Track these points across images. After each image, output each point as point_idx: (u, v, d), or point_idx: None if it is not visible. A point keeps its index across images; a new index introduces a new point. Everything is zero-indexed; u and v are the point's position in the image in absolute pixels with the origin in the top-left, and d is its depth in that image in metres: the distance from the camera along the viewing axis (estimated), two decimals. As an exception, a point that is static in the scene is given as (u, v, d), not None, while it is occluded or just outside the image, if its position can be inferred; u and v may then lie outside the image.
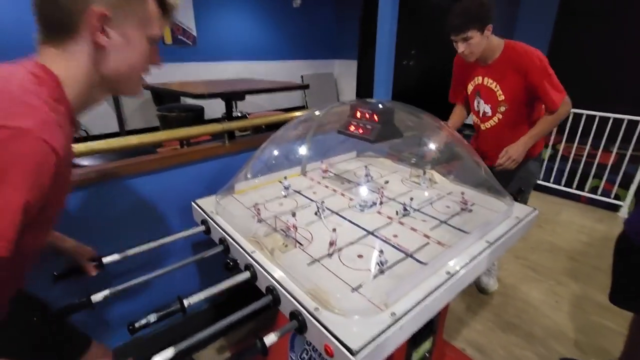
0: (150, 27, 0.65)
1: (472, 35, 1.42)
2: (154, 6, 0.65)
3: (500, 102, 1.54)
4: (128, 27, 0.62)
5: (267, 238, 0.97)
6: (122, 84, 0.68)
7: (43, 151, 0.49)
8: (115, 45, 0.62)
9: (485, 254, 0.95)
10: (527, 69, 1.43)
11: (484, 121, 1.65)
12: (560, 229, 2.65)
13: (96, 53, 0.61)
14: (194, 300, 0.79)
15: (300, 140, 1.42)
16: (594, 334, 1.68)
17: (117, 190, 1.22)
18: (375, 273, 0.85)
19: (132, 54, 0.65)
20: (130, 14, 0.61)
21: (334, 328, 0.68)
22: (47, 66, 0.59)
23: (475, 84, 1.62)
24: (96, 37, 0.59)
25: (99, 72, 0.63)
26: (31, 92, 0.53)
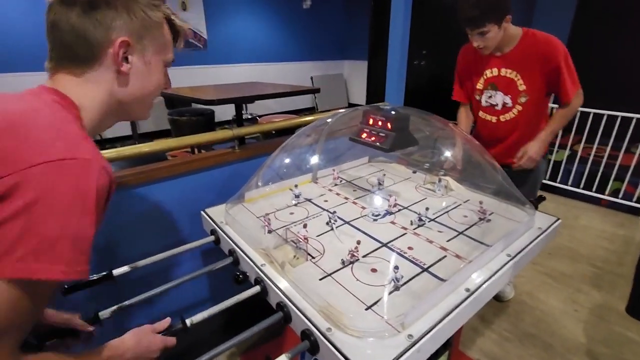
0: (166, 52, 0.69)
1: (489, 29, 1.32)
2: (168, 32, 0.68)
3: (522, 92, 1.45)
4: (148, 53, 0.65)
5: (277, 250, 0.94)
6: (136, 108, 0.70)
7: (105, 176, 0.53)
8: (136, 72, 0.65)
9: (506, 268, 0.90)
10: (549, 57, 1.35)
11: (503, 113, 1.53)
12: (579, 234, 2.56)
13: (117, 79, 0.64)
14: (197, 319, 0.78)
15: (311, 147, 1.39)
16: (616, 345, 1.61)
17: (127, 198, 1.21)
18: (391, 289, 0.82)
19: (150, 78, 0.68)
20: (150, 41, 0.65)
21: (347, 351, 0.65)
22: (65, 93, 0.60)
23: (489, 77, 1.52)
24: (119, 64, 0.62)
25: (117, 97, 0.65)
26: (71, 122, 0.56)
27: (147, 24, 0.63)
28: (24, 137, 0.48)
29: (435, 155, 1.42)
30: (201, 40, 5.27)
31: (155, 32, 0.65)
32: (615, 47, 4.00)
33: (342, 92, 7.19)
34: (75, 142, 0.52)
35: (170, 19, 0.68)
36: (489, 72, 1.51)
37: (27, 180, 0.45)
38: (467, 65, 1.60)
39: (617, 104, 2.91)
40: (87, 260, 0.51)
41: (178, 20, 0.69)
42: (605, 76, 4.03)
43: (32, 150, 0.47)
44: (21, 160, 0.46)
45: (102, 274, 0.95)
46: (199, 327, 1.42)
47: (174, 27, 0.69)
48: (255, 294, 0.87)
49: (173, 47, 0.70)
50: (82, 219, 0.49)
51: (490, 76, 1.51)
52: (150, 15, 0.63)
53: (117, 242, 1.20)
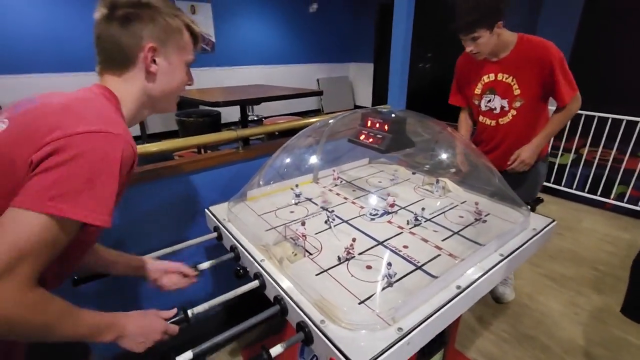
0: (186, 54, 0.80)
1: (480, 34, 1.36)
2: (188, 37, 0.79)
3: (516, 96, 1.49)
4: (171, 55, 0.77)
5: (276, 247, 0.98)
6: (164, 102, 0.82)
7: (130, 150, 0.65)
8: (162, 71, 0.77)
9: (498, 267, 0.93)
10: (544, 61, 1.38)
11: (501, 116, 1.57)
12: (582, 238, 2.56)
13: (147, 78, 0.76)
14: (198, 310, 0.82)
15: (312, 148, 1.43)
16: (615, 348, 1.62)
17: (136, 195, 1.25)
18: (384, 285, 0.85)
19: (175, 76, 0.80)
20: (172, 44, 0.76)
21: (339, 342, 0.68)
22: (110, 89, 0.74)
23: (486, 82, 1.55)
24: (148, 65, 0.74)
25: (148, 93, 0.78)
26: (111, 109, 0.70)
27: (169, 31, 0.75)
28: (75, 114, 0.62)
29: (433, 157, 1.45)
30: (209, 44, 5.35)
31: (176, 37, 0.76)
32: (620, 51, 3.97)
33: (348, 94, 7.23)
34: (110, 121, 0.65)
35: (189, 25, 0.79)
36: (486, 77, 1.54)
37: (70, 143, 0.57)
38: (466, 71, 1.64)
39: (622, 108, 2.90)
40: (108, 212, 0.61)
41: (195, 26, 0.81)
42: (610, 80, 4.00)
43: (78, 123, 0.60)
44: (70, 129, 0.58)
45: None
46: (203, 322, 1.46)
47: (192, 32, 0.80)
48: (255, 288, 0.91)
49: (193, 49, 0.82)
50: (107, 179, 0.60)
51: (488, 81, 1.54)
52: (171, 23, 0.75)
53: (126, 236, 1.24)
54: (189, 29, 0.79)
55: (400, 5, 1.77)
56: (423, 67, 5.88)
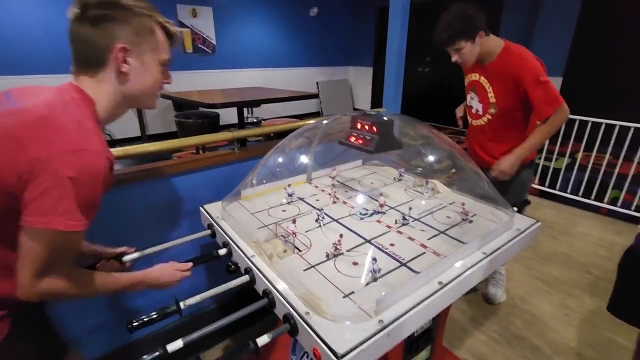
0: (160, 53, 0.81)
1: (461, 46, 1.43)
2: (162, 36, 0.81)
3: (492, 104, 1.55)
4: (143, 55, 0.78)
5: (267, 243, 1.01)
6: (141, 100, 0.85)
7: (107, 162, 0.70)
8: (134, 71, 0.78)
9: (480, 265, 0.96)
10: (519, 76, 1.42)
11: (475, 118, 1.66)
12: (576, 242, 2.58)
13: (120, 78, 0.77)
14: (190, 302, 0.84)
15: (306, 149, 1.47)
16: (604, 349, 1.64)
17: (134, 193, 1.29)
18: (368, 280, 0.88)
19: (148, 76, 0.81)
20: (144, 45, 0.77)
21: (322, 332, 0.71)
22: (84, 90, 0.75)
23: (472, 79, 1.62)
24: (119, 66, 0.75)
25: (122, 92, 0.79)
26: (87, 116, 0.72)
27: (141, 31, 0.76)
28: (56, 129, 0.65)
29: (424, 159, 1.48)
30: (210, 46, 5.41)
31: (149, 37, 0.77)
32: (614, 57, 4.02)
33: (348, 97, 7.28)
34: (89, 135, 0.69)
35: (163, 25, 0.80)
36: (473, 74, 1.61)
37: (55, 164, 0.62)
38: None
39: (617, 113, 2.93)
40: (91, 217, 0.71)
41: (171, 25, 0.82)
42: (605, 86, 4.04)
43: (60, 139, 0.64)
44: (55, 147, 0.63)
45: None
46: (197, 318, 1.49)
47: (167, 31, 0.81)
48: (245, 283, 0.95)
49: (169, 49, 0.83)
50: (92, 191, 0.68)
51: (474, 79, 1.61)
52: (143, 24, 0.76)
53: (123, 232, 1.28)
54: (164, 28, 0.80)
55: (395, 8, 1.81)
56: (422, 71, 5.93)
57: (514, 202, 1.31)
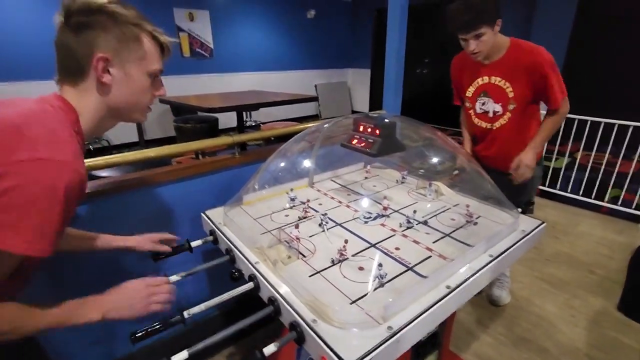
0: (148, 64, 0.76)
1: (484, 31, 1.35)
2: (151, 45, 0.76)
3: (510, 99, 1.50)
4: (127, 66, 0.73)
5: (270, 249, 1.00)
6: (128, 113, 0.80)
7: (75, 178, 0.63)
8: (117, 82, 0.73)
9: (487, 268, 0.94)
10: (536, 66, 1.40)
11: (495, 120, 1.59)
12: (578, 241, 2.57)
13: (102, 89, 0.73)
14: (194, 311, 0.83)
15: (307, 153, 1.46)
16: (611, 350, 1.62)
17: (132, 200, 1.28)
18: (375, 286, 0.86)
19: (134, 88, 0.76)
20: (128, 55, 0.73)
21: (330, 340, 0.70)
22: (68, 101, 0.72)
23: (479, 85, 1.57)
24: (100, 76, 0.71)
25: (106, 104, 0.75)
26: (65, 125, 0.67)
27: (124, 40, 0.71)
28: (21, 137, 0.60)
29: (426, 161, 1.47)
30: (207, 50, 5.41)
31: (133, 46, 0.73)
32: (612, 56, 4.03)
33: (346, 100, 7.29)
34: (59, 144, 0.63)
35: (152, 33, 0.75)
36: (480, 79, 1.56)
37: (12, 171, 0.57)
38: (460, 73, 1.66)
39: (615, 112, 2.94)
40: (49, 242, 0.62)
41: (160, 34, 0.77)
42: (603, 84, 4.05)
43: (23, 147, 0.59)
44: (14, 155, 0.58)
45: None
46: (201, 326, 1.47)
47: (157, 40, 0.77)
48: (249, 290, 0.93)
49: (159, 59, 0.78)
50: (48, 209, 0.60)
51: (482, 83, 1.56)
52: (126, 32, 0.72)
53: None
54: (153, 37, 0.76)
55: (394, 9, 1.80)
56: (420, 73, 5.94)
57: (526, 200, 1.31)
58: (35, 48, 4.04)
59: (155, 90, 0.81)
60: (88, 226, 1.17)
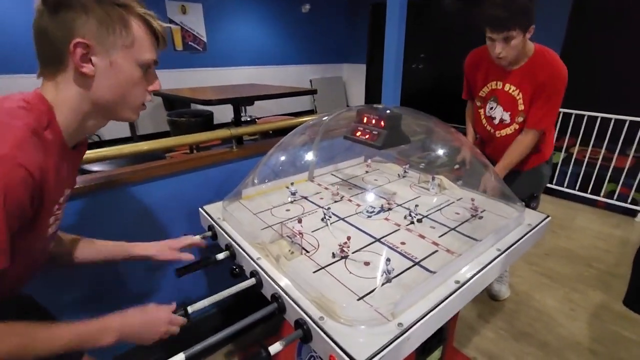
0: (139, 52, 0.65)
1: (515, 35, 1.22)
2: (142, 32, 0.65)
3: (520, 111, 1.42)
4: (113, 54, 0.63)
5: (272, 245, 0.96)
6: (116, 110, 0.69)
7: (17, 174, 0.53)
8: (101, 73, 0.63)
9: (496, 262, 0.92)
10: (547, 81, 1.31)
11: (500, 128, 1.52)
12: (575, 235, 2.58)
13: (83, 81, 0.63)
14: (197, 307, 0.80)
15: (307, 146, 1.42)
16: (611, 344, 1.63)
17: (126, 195, 1.23)
18: (383, 281, 0.84)
19: (120, 80, 0.65)
20: (114, 41, 0.62)
21: (339, 338, 0.67)
22: (43, 94, 0.63)
23: (492, 89, 1.48)
24: (79, 66, 0.61)
25: (89, 99, 0.65)
26: (14, 116, 0.57)
27: (108, 23, 0.61)
28: None
29: (428, 154, 1.45)
30: (200, 43, 5.32)
31: (119, 31, 0.62)
32: (609, 50, 4.05)
33: (341, 94, 7.24)
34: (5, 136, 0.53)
35: (143, 17, 0.65)
36: (493, 83, 1.46)
37: None
38: (474, 71, 1.55)
39: (611, 107, 2.95)
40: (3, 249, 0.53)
41: (153, 19, 0.67)
42: (599, 79, 4.07)
43: None
44: None
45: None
46: (199, 323, 1.43)
47: (150, 26, 0.66)
48: (251, 288, 0.89)
49: (153, 47, 0.68)
50: None
51: (495, 88, 1.47)
52: (111, 14, 0.61)
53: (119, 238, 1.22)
54: (144, 22, 0.65)
55: (393, 3, 1.77)
56: (416, 68, 5.91)
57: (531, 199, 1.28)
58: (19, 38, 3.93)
59: (148, 83, 0.71)
60: (79, 223, 1.13)
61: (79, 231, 0.95)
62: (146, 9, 0.66)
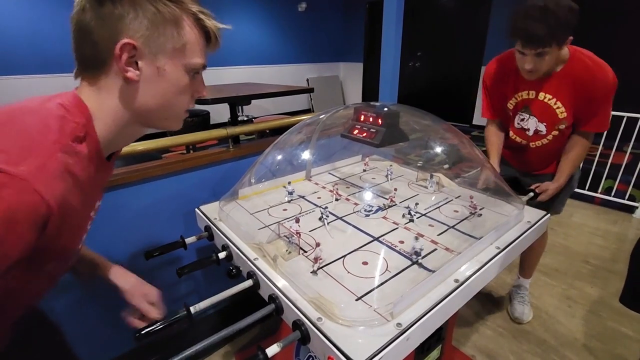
0: (189, 57, 0.59)
1: (550, 50, 1.09)
2: (193, 33, 0.58)
3: (562, 120, 1.28)
4: (161, 58, 0.57)
5: (269, 245, 0.95)
6: (159, 119, 0.63)
7: (30, 201, 0.44)
8: (147, 79, 0.57)
9: (495, 260, 0.91)
10: (597, 84, 1.19)
11: (535, 140, 1.39)
12: (573, 232, 2.59)
13: (127, 87, 0.57)
14: (200, 307, 0.79)
15: (304, 145, 1.41)
16: (610, 340, 1.63)
17: (122, 197, 1.22)
18: (381, 281, 0.83)
19: (167, 87, 0.59)
20: (164, 43, 0.56)
21: (337, 339, 0.66)
22: (83, 100, 0.57)
23: (522, 99, 1.33)
24: (125, 70, 0.55)
25: (131, 107, 0.59)
26: (46, 129, 0.50)
27: (160, 23, 0.55)
28: None
29: (426, 152, 1.44)
30: (197, 43, 5.28)
31: (170, 31, 0.56)
32: (607, 46, 4.05)
33: (338, 93, 7.23)
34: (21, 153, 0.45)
35: (197, 16, 0.58)
36: (525, 93, 1.32)
37: None
38: (498, 83, 1.40)
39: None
40: None
41: (208, 18, 0.60)
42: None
43: None
44: None
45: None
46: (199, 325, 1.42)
47: (203, 26, 0.59)
48: (248, 288, 0.88)
49: (203, 50, 0.61)
50: None
51: (526, 98, 1.32)
52: (163, 12, 0.54)
53: (114, 238, 1.20)
54: (197, 21, 0.58)
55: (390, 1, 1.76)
56: (413, 66, 5.91)
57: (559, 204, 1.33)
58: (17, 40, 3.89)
59: (195, 91, 0.64)
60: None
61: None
62: (201, 6, 0.59)
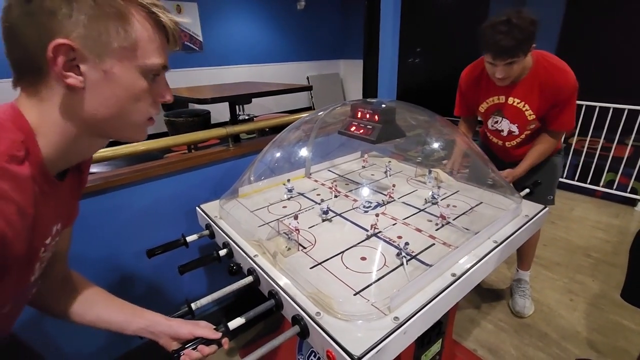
0: (142, 57, 0.50)
1: (518, 60, 1.20)
2: (147, 29, 0.50)
3: (531, 121, 1.38)
4: (107, 60, 0.48)
5: (269, 242, 0.96)
6: (115, 129, 0.54)
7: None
8: (93, 85, 0.48)
9: (492, 254, 0.92)
10: (562, 88, 1.28)
11: (510, 140, 1.49)
12: (574, 225, 2.58)
13: (72, 96, 0.48)
14: (201, 303, 0.80)
15: (303, 142, 1.42)
16: (611, 333, 1.63)
17: (124, 197, 1.23)
18: (379, 276, 0.84)
19: (119, 92, 0.50)
20: (107, 43, 0.47)
21: (335, 333, 0.67)
22: (22, 113, 0.48)
23: (494, 103, 1.43)
24: (64, 77, 0.46)
25: (79, 118, 0.50)
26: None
27: (99, 19, 0.46)
28: None
29: (425, 148, 1.44)
30: (197, 43, 5.29)
31: (113, 29, 0.47)
32: (606, 39, 4.02)
33: (339, 91, 7.22)
34: None
35: (150, 10, 0.50)
36: (495, 98, 1.42)
37: None
38: (471, 87, 1.50)
39: (609, 96, 2.93)
40: None
41: (162, 12, 0.51)
42: (597, 68, 4.04)
43: None
44: None
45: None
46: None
47: (158, 21, 0.51)
48: (251, 286, 0.90)
49: (161, 49, 0.53)
50: None
51: (498, 102, 1.42)
52: (103, 6, 0.46)
53: (117, 238, 1.22)
54: (150, 16, 0.50)
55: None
56: (412, 62, 5.89)
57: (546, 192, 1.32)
58: None
59: (157, 95, 0.56)
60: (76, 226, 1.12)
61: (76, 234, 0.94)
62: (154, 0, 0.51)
